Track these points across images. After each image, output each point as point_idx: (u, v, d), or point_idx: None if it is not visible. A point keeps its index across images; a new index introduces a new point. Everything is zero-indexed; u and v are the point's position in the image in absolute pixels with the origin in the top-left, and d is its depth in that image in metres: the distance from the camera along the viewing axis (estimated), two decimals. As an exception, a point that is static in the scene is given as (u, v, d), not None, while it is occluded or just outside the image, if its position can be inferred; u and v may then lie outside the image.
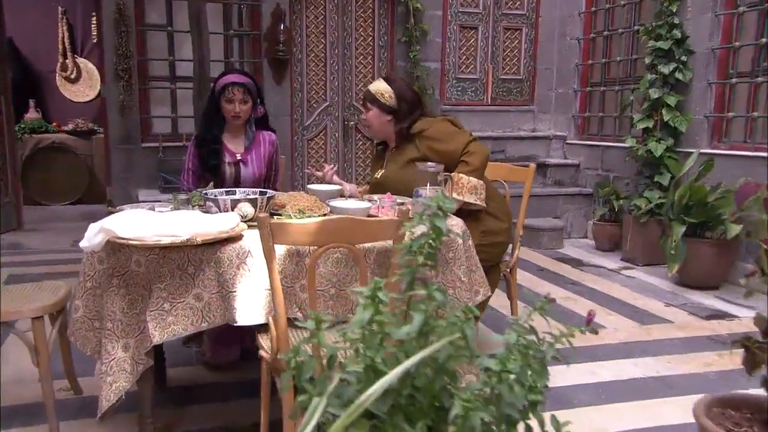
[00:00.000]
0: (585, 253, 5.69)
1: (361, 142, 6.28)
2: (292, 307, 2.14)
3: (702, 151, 4.91)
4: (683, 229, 4.33)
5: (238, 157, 3.11)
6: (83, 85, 8.85)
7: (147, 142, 5.75)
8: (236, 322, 2.08)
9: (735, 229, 4.27)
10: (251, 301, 2.09)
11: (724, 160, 4.73)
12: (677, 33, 5.01)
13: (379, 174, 3.08)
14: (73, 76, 8.73)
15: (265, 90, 5.84)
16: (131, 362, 2.12)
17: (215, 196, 2.47)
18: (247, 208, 2.34)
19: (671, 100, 5.03)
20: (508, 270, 3.20)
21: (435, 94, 6.20)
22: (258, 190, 2.61)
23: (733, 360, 3.23)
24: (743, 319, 3.88)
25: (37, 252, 5.46)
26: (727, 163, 4.72)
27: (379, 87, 2.99)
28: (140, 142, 5.73)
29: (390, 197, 2.89)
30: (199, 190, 2.73)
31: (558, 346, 0.91)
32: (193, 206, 2.47)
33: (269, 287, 2.10)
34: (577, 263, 5.31)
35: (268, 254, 1.84)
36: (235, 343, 3.09)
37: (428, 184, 2.49)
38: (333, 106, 6.17)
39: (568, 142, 6.64)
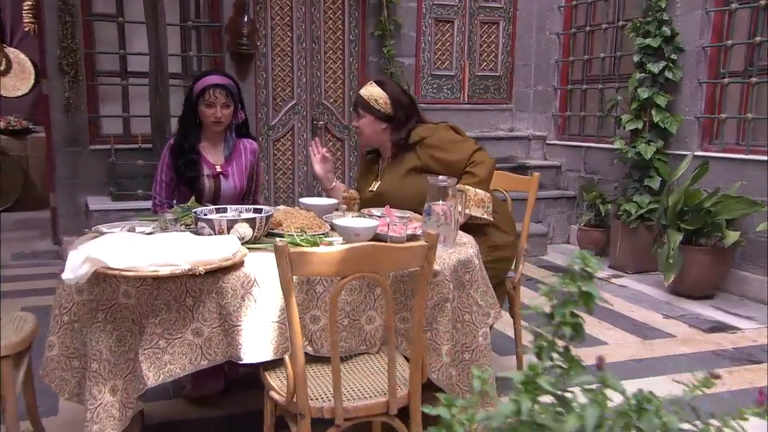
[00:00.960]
0: (570, 260, 5.70)
1: (331, 143, 6.17)
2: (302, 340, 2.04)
3: (693, 153, 4.97)
4: (681, 236, 4.37)
5: (218, 169, 2.98)
6: (14, 78, 8.43)
7: (96, 143, 5.51)
8: (241, 360, 1.97)
9: (733, 237, 4.33)
10: (258, 336, 1.98)
11: (716, 163, 4.79)
12: (666, 30, 5.06)
13: (374, 186, 2.99)
14: (1, 68, 8.33)
15: (226, 87, 5.68)
16: (120, 407, 1.99)
17: (205, 214, 2.34)
18: (244, 229, 2.22)
19: (661, 100, 5.08)
20: (512, 287, 3.15)
21: (410, 93, 6.12)
22: (252, 207, 2.49)
23: (744, 377, 3.27)
24: (746, 332, 3.94)
25: (-28, 267, 5.17)
26: (719, 167, 4.79)
27: (372, 92, 2.90)
28: (88, 144, 5.49)
29: (389, 211, 2.81)
30: (181, 205, 2.59)
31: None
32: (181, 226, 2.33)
33: (277, 320, 2.01)
34: (564, 272, 5.31)
35: (287, 287, 1.74)
36: (218, 373, 2.95)
37: (440, 200, 2.41)
38: (301, 105, 6.04)
39: (548, 142, 6.66)
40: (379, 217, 2.69)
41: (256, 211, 2.43)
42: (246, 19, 5.59)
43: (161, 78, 5.22)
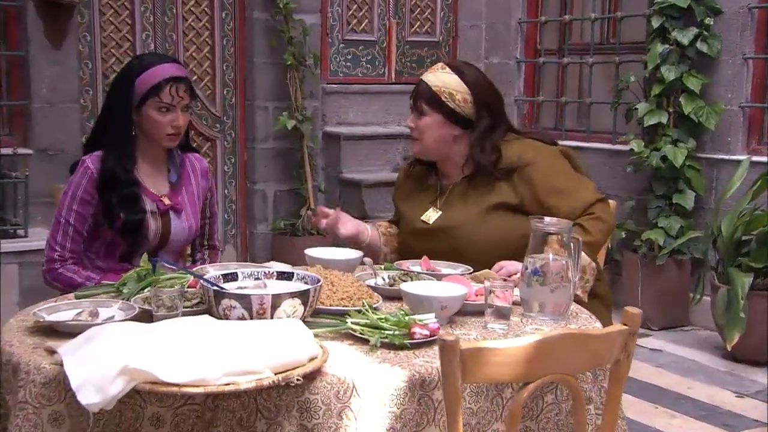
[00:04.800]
0: (566, 313, 6.01)
1: (195, 144, 6.09)
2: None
3: (733, 157, 5.41)
4: (750, 279, 4.76)
5: (167, 202, 2.99)
6: None
7: None
8: None
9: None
10: (361, 471, 2.01)
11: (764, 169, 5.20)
12: (697, -17, 5.50)
13: (432, 216, 3.03)
14: None
15: (34, 57, 5.53)
16: None
17: (218, 285, 2.32)
18: (294, 308, 2.24)
19: (693, 83, 5.48)
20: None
21: (315, 68, 6.21)
22: (273, 270, 2.49)
23: None
24: None
25: None
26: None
27: (446, 81, 2.94)
28: None
29: (427, 262, 2.87)
30: (179, 267, 2.55)
31: None
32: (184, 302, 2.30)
33: (383, 442, 2.05)
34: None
35: (455, 398, 1.79)
36: None
37: (550, 252, 2.52)
38: (149, 86, 5.95)
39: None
40: (431, 274, 2.76)
41: (281, 276, 2.44)
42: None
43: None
